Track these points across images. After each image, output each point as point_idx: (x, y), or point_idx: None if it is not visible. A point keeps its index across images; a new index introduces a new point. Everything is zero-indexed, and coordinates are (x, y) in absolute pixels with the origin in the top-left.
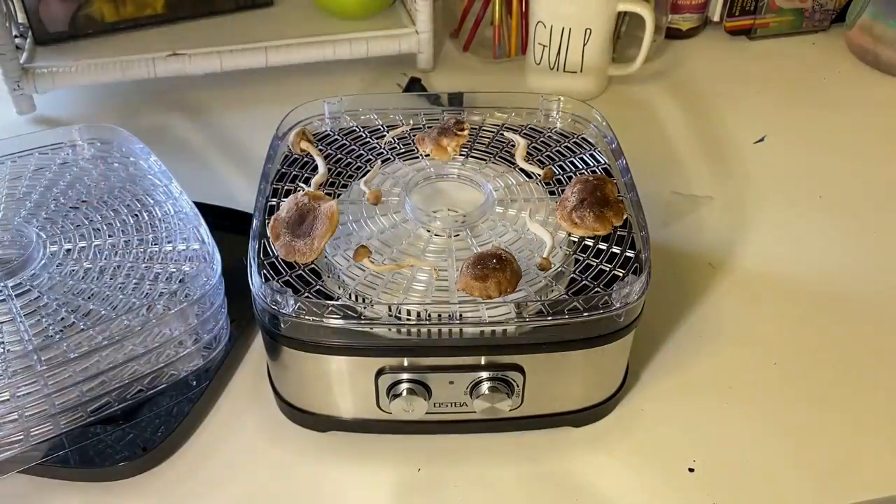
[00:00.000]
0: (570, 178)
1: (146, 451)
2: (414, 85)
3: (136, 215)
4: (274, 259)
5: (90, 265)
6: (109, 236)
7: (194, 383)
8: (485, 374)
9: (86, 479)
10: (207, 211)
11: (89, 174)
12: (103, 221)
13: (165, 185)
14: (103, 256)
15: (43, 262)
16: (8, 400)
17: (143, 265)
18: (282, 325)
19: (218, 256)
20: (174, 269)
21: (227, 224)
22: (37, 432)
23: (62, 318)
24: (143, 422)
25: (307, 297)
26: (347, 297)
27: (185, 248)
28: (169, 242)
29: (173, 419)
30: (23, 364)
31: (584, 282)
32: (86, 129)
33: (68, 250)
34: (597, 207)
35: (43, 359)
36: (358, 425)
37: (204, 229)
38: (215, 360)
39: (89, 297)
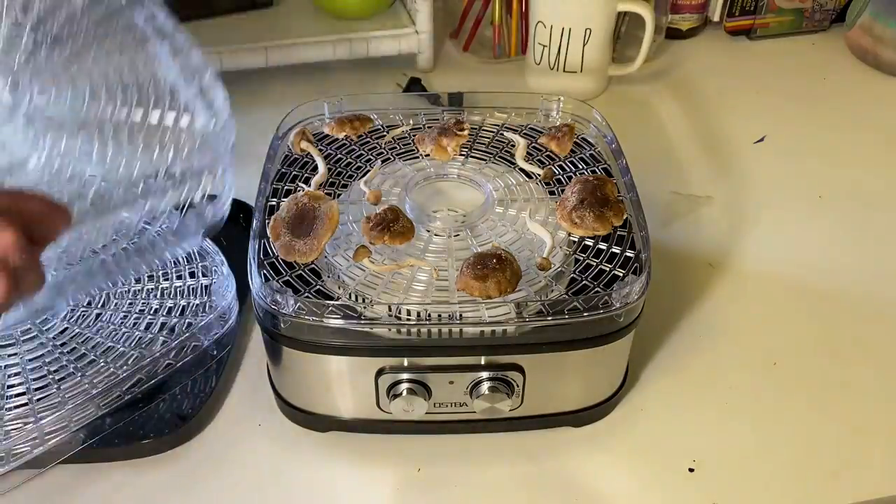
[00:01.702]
0: (570, 177)
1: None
2: (414, 85)
3: None
4: (274, 259)
5: None
6: None
7: (214, 352)
8: (485, 374)
9: (124, 458)
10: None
11: None
12: None
13: None
14: None
15: None
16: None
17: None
18: (282, 325)
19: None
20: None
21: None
22: (78, 417)
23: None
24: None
25: (307, 297)
26: (347, 297)
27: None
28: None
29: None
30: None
31: (584, 282)
32: None
33: None
34: (597, 207)
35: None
36: (358, 425)
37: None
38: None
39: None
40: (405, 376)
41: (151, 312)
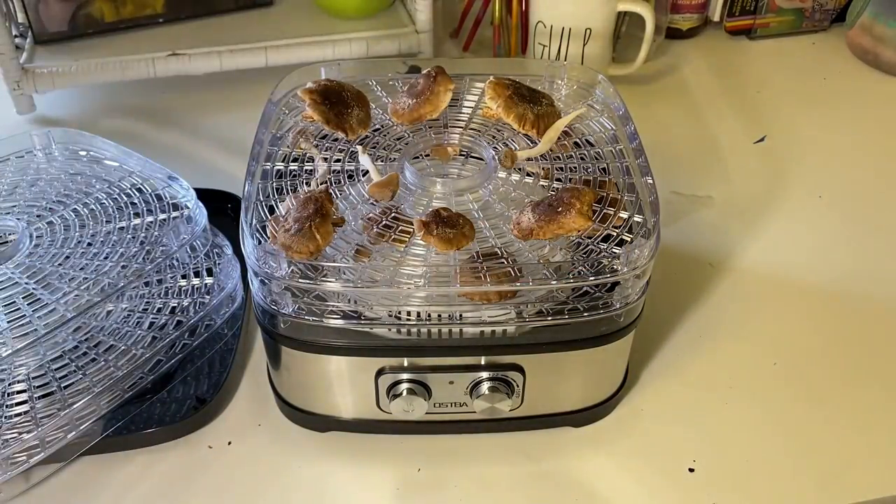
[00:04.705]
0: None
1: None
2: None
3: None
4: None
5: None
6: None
7: (226, 331)
8: (485, 374)
9: (142, 446)
10: (209, 196)
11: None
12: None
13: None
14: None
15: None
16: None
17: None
18: (281, 325)
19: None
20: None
21: (228, 208)
22: (105, 401)
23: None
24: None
25: (306, 298)
26: (347, 297)
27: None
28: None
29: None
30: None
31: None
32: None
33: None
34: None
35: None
36: (358, 425)
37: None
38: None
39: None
40: (405, 376)
41: (163, 295)
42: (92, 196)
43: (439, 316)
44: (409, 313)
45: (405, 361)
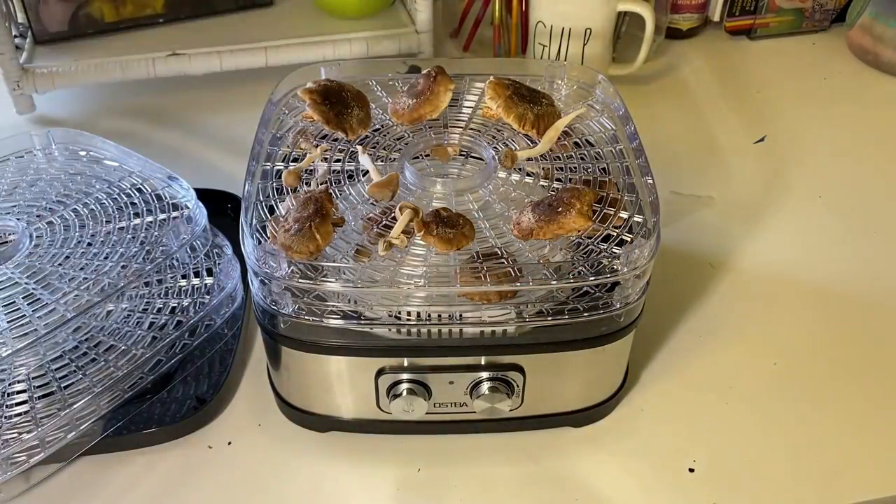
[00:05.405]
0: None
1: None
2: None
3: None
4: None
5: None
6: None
7: (226, 331)
8: (485, 375)
9: (141, 446)
10: (209, 196)
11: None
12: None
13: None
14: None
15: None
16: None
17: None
18: (281, 325)
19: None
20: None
21: (228, 208)
22: (105, 401)
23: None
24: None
25: (306, 298)
26: (347, 297)
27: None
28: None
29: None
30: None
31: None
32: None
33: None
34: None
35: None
36: (358, 425)
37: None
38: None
39: None
40: (405, 376)
41: (163, 295)
42: (92, 196)
43: (439, 316)
44: (409, 313)
45: (405, 361)
